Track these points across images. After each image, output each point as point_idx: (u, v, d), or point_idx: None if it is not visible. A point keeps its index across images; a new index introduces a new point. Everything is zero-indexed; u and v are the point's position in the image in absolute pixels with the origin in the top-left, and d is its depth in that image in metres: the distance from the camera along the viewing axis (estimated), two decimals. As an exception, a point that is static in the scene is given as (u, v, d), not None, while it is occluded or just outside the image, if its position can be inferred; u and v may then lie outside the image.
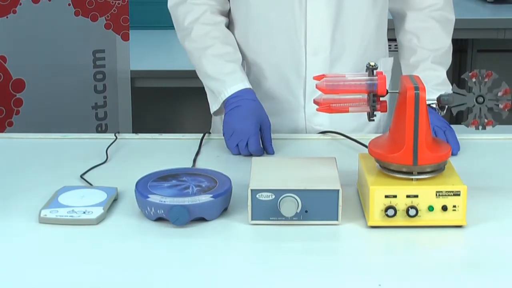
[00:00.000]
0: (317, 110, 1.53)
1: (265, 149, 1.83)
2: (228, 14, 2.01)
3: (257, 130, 1.82)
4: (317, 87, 1.51)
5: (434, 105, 1.76)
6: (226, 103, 1.88)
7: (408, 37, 1.99)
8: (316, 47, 1.92)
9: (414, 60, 1.97)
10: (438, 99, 1.51)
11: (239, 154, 1.81)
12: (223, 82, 1.89)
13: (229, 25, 2.01)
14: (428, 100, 1.45)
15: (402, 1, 2.00)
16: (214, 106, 1.94)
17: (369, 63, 1.51)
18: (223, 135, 1.84)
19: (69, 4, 2.74)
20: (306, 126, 1.98)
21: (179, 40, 2.00)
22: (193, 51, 1.96)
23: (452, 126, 1.86)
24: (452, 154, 1.69)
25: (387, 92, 1.50)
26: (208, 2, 1.95)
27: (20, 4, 2.66)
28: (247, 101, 1.85)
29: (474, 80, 1.48)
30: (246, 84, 1.89)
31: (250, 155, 1.79)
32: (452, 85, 1.57)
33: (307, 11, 1.90)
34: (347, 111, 1.53)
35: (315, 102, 1.53)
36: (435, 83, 1.92)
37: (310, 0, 1.89)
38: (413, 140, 1.44)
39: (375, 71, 1.49)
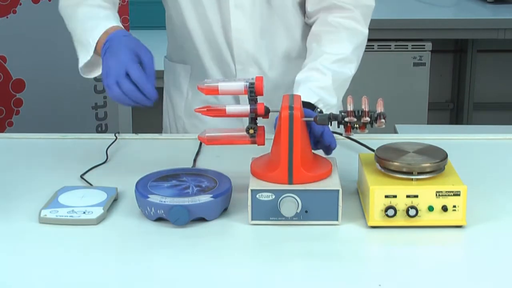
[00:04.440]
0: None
1: (144, 89, 1.56)
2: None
3: (134, 60, 1.60)
4: (198, 138, 1.56)
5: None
6: (102, 53, 1.67)
7: (310, 39, 1.87)
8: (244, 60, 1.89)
9: (307, 60, 1.83)
10: (315, 118, 1.50)
11: (130, 103, 1.58)
12: (95, 26, 1.72)
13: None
14: (305, 100, 1.45)
15: (319, 3, 1.87)
16: (85, 57, 1.73)
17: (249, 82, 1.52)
18: (102, 80, 1.63)
19: (69, 4, 2.74)
20: None
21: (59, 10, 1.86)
22: (66, 10, 1.83)
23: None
24: (331, 149, 1.60)
25: (267, 112, 1.52)
26: None
27: (20, 4, 2.66)
28: (117, 38, 1.67)
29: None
30: (119, 23, 1.74)
31: (142, 97, 1.57)
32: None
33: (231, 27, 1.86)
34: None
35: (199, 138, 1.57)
36: (317, 86, 1.76)
37: (234, 19, 1.86)
38: (288, 160, 1.44)
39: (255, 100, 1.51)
